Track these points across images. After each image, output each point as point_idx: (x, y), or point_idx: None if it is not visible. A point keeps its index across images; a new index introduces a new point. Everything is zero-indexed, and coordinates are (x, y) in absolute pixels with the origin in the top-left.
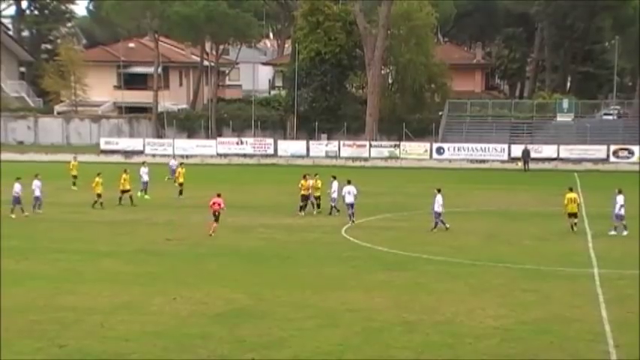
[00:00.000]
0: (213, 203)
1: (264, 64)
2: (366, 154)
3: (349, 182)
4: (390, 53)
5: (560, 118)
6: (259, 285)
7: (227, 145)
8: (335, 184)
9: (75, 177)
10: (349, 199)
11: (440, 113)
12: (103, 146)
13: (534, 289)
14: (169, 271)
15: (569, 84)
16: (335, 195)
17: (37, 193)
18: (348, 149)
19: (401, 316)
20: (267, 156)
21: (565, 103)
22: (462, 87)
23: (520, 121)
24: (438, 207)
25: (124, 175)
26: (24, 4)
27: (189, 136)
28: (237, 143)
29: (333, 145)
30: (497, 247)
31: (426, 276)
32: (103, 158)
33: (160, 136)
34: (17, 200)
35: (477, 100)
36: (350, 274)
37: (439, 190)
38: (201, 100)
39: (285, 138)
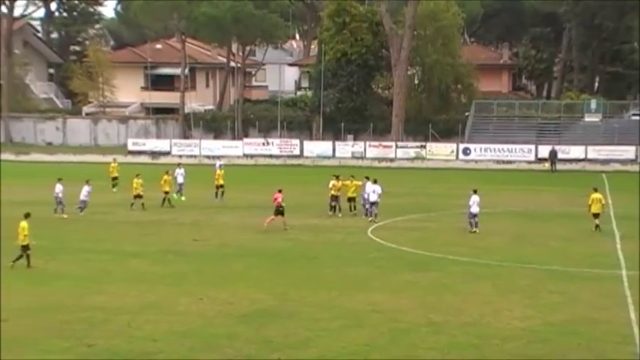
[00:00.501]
0: (275, 199)
1: (290, 65)
2: (392, 155)
3: (375, 181)
4: (416, 54)
5: (587, 118)
6: (285, 285)
7: (253, 145)
8: (369, 185)
9: (115, 179)
10: (373, 197)
11: (466, 114)
12: (130, 147)
13: (561, 291)
14: (196, 271)
15: (597, 84)
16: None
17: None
18: (374, 150)
19: (427, 317)
20: (293, 157)
21: (593, 104)
22: (488, 87)
23: (547, 121)
24: (475, 207)
25: (165, 177)
26: (53, 7)
27: (216, 137)
28: (263, 144)
29: (359, 146)
30: (524, 248)
31: (452, 277)
32: (130, 159)
33: (186, 137)
34: (59, 201)
35: (504, 101)
36: (376, 274)
37: (475, 191)
38: (227, 101)
39: (311, 139)
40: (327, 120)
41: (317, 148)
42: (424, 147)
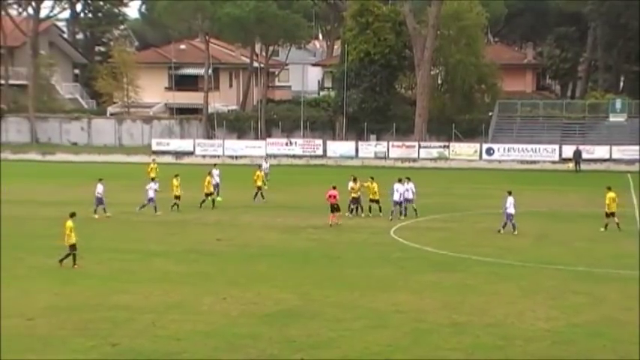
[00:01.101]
0: (330, 196)
1: (313, 65)
2: (415, 155)
3: (409, 179)
4: (439, 54)
5: (612, 118)
6: (308, 285)
7: (276, 145)
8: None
9: (153, 179)
10: (408, 195)
11: (490, 114)
12: (154, 147)
13: (586, 292)
14: (220, 271)
15: (622, 84)
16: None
17: (151, 194)
18: (397, 150)
19: (450, 318)
20: (316, 157)
21: (618, 103)
22: (512, 87)
23: (572, 121)
24: (511, 208)
25: (207, 178)
26: (78, 8)
27: (239, 137)
28: (287, 144)
29: (382, 146)
30: (548, 248)
31: (475, 277)
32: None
33: (210, 137)
34: (100, 201)
35: (528, 101)
36: (399, 274)
37: (510, 193)
38: (250, 101)
39: (334, 139)
40: (350, 120)
41: (340, 148)
42: (447, 147)
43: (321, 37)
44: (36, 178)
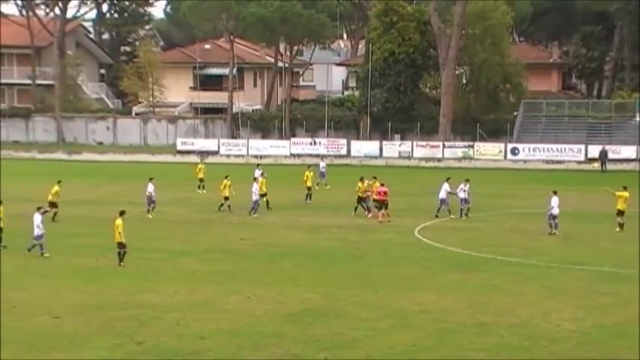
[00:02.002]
0: (379, 192)
1: (337, 64)
2: (440, 155)
3: (467, 180)
4: (464, 53)
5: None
6: (333, 285)
7: (300, 145)
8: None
9: (202, 180)
10: (462, 195)
11: (515, 113)
12: (179, 147)
13: (613, 292)
14: (244, 270)
15: None
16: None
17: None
18: (422, 150)
19: (475, 318)
20: (340, 156)
21: None
22: (537, 87)
23: (598, 121)
24: (556, 209)
25: (261, 179)
26: (104, 8)
27: (264, 137)
28: (311, 144)
29: (406, 146)
30: (574, 248)
31: (500, 277)
32: (179, 158)
33: (234, 137)
34: (152, 200)
35: (553, 100)
36: (423, 274)
37: (555, 192)
38: (275, 100)
39: (358, 138)
40: (374, 120)
41: (364, 147)
42: (472, 147)
43: (345, 36)
44: (62, 177)
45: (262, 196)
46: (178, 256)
